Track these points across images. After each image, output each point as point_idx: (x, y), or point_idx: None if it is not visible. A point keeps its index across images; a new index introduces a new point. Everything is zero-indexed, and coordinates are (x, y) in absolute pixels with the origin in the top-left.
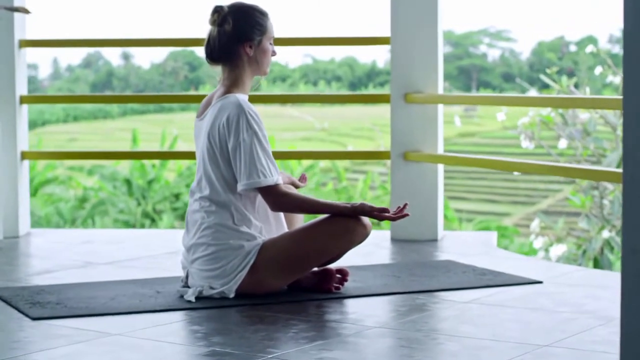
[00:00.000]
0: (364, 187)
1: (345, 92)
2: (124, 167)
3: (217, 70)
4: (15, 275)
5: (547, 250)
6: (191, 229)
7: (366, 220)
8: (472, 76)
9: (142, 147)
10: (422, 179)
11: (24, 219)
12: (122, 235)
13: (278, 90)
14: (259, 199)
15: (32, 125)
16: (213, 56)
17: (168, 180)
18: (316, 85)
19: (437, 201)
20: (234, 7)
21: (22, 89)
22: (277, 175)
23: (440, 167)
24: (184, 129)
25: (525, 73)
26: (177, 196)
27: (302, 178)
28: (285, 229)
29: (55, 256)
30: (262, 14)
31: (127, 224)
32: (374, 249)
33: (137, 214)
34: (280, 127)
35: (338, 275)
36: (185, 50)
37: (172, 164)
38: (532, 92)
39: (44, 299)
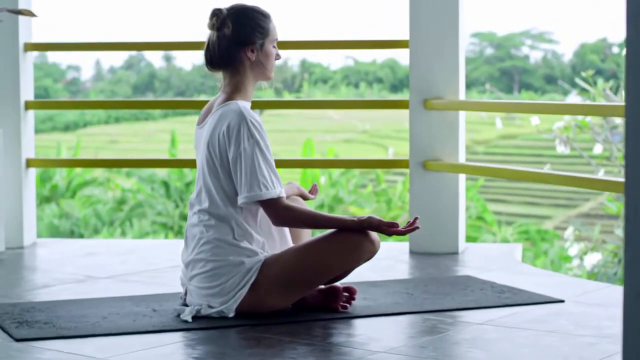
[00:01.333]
0: (403, 189)
1: (368, 98)
2: (162, 169)
3: (219, 77)
4: (10, 289)
5: (581, 258)
6: (190, 243)
7: (374, 235)
8: (514, 78)
9: (181, 149)
10: (443, 189)
11: (29, 228)
12: (129, 246)
13: (319, 92)
14: (261, 212)
15: (74, 126)
16: (213, 62)
17: None
18: (357, 87)
19: (458, 212)
20: (233, 10)
21: (27, 94)
22: (279, 187)
23: (462, 177)
24: None
25: (568, 75)
26: None
27: (313, 189)
28: (290, 245)
29: (56, 269)
30: (264, 16)
31: (165, 227)
32: (390, 263)
33: (174, 217)
34: (321, 129)
35: (345, 294)
36: None
37: None
38: (573, 95)
39: (33, 317)
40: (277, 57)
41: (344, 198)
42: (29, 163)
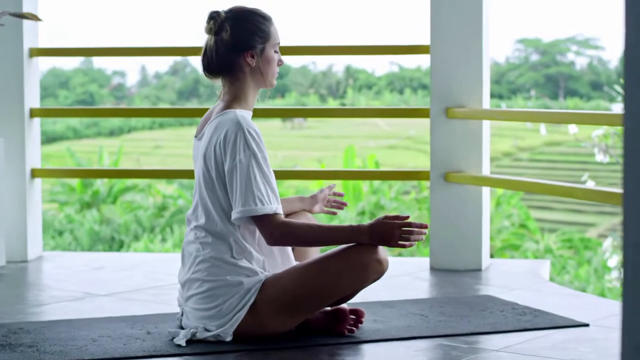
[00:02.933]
0: None
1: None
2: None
3: (218, 84)
4: (2, 307)
5: (620, 270)
6: (186, 262)
7: (382, 254)
8: (560, 84)
9: None
10: (465, 202)
11: (34, 242)
12: (138, 260)
13: (364, 98)
14: (254, 229)
15: (118, 132)
16: (211, 68)
17: None
18: (402, 93)
19: (482, 227)
20: (231, 13)
21: (32, 101)
22: (276, 203)
23: (486, 190)
24: (266, 136)
25: (614, 81)
26: None
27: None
28: (293, 263)
29: (56, 285)
30: (265, 19)
31: None
32: (408, 280)
33: None
34: (365, 135)
35: (352, 316)
36: None
37: None
38: (620, 101)
39: (18, 339)
40: (280, 62)
41: (386, 205)
42: (34, 173)
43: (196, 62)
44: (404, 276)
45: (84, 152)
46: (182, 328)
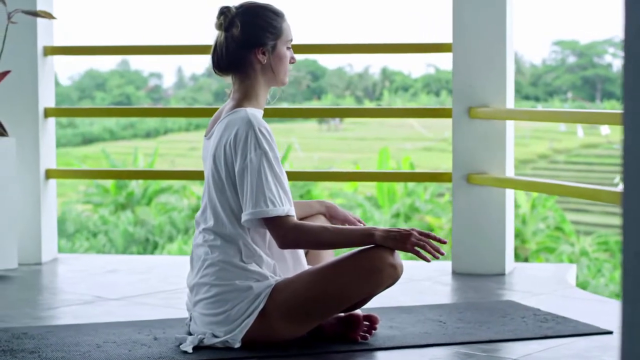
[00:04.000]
0: None
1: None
2: None
3: (229, 82)
4: (9, 311)
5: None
6: (195, 265)
7: (397, 258)
8: (597, 87)
9: None
10: (488, 204)
11: (48, 244)
12: (154, 263)
13: (400, 100)
14: (264, 232)
15: (155, 133)
16: (221, 65)
17: None
18: (438, 95)
19: (505, 230)
20: (242, 8)
21: (47, 101)
22: (288, 205)
23: (510, 193)
24: (303, 138)
25: None
26: None
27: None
28: (305, 267)
29: (67, 288)
30: (276, 15)
31: None
32: (429, 285)
33: None
34: (401, 137)
35: (366, 323)
36: (307, 60)
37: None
38: None
39: (21, 345)
40: (292, 60)
41: (420, 207)
42: (49, 174)
43: None
44: (424, 280)
45: (119, 154)
46: (190, 334)
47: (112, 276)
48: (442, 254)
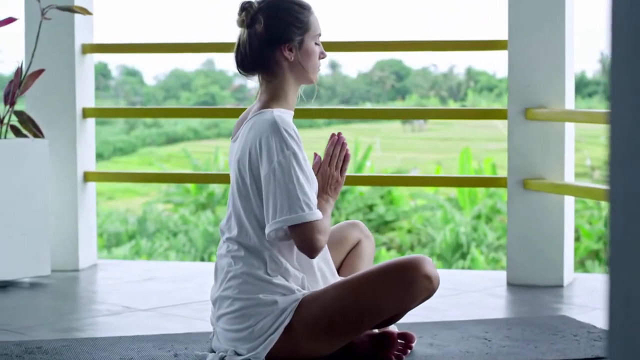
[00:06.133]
0: None
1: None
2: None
3: (256, 82)
4: (29, 321)
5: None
6: (218, 277)
7: (432, 270)
8: None
9: None
10: (546, 212)
11: (87, 249)
12: (197, 270)
13: (484, 101)
14: (291, 243)
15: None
16: (245, 64)
17: (362, 191)
18: None
19: (564, 239)
20: (264, 2)
21: (85, 101)
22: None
23: (569, 199)
24: (387, 138)
25: None
26: (371, 207)
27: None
28: (337, 279)
29: (97, 298)
30: (302, 7)
31: None
32: (480, 297)
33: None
34: (485, 137)
35: (400, 341)
36: (392, 59)
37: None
38: None
39: None
40: (322, 55)
41: (502, 209)
42: (87, 177)
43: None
44: (476, 292)
45: (201, 153)
46: (212, 351)
47: (148, 285)
48: None
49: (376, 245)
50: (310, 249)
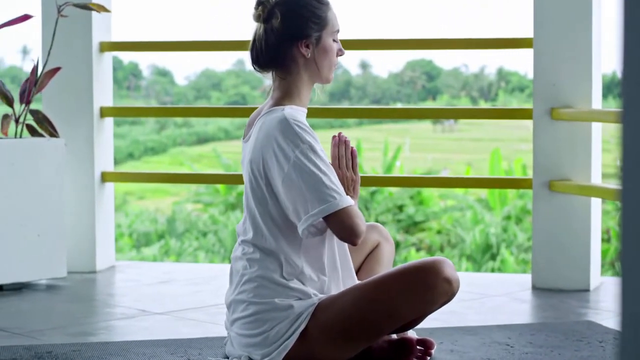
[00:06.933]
0: None
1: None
2: None
3: (269, 79)
4: (43, 325)
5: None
6: (233, 280)
7: (451, 272)
8: None
9: (366, 156)
10: (572, 214)
11: (104, 251)
12: (215, 272)
13: (516, 101)
14: (316, 244)
15: None
16: (260, 60)
17: (392, 192)
18: None
19: (591, 242)
20: None
21: (103, 100)
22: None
23: (596, 202)
24: (417, 138)
25: None
26: (400, 208)
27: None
28: (355, 281)
29: (113, 301)
30: (320, 2)
31: None
32: (504, 301)
33: None
34: (516, 138)
35: (419, 347)
36: (423, 60)
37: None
38: None
39: None
40: (340, 52)
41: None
42: (105, 177)
43: (348, 63)
44: (500, 296)
45: (232, 153)
46: (226, 356)
47: (165, 287)
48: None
49: (406, 245)
50: (353, 235)
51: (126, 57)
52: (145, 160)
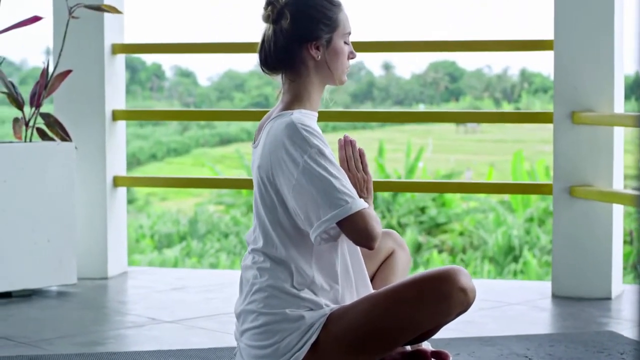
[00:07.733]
0: None
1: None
2: None
3: (279, 82)
4: (49, 334)
5: None
6: (243, 290)
7: (467, 282)
8: None
9: (388, 158)
10: (593, 220)
11: (116, 256)
12: (229, 279)
13: (539, 102)
14: (328, 252)
15: None
16: (269, 62)
17: (413, 194)
18: None
19: (612, 249)
20: None
21: (115, 103)
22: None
23: (618, 207)
24: (440, 139)
25: None
26: (422, 210)
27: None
28: (370, 290)
29: (123, 309)
30: (332, 4)
31: None
32: (523, 310)
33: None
34: (539, 139)
35: (434, 359)
36: (446, 61)
37: (418, 175)
38: None
39: None
40: (351, 55)
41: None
42: (117, 181)
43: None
44: (520, 304)
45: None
46: None
47: (177, 294)
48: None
49: (428, 247)
50: (368, 239)
51: (149, 58)
52: (168, 161)
